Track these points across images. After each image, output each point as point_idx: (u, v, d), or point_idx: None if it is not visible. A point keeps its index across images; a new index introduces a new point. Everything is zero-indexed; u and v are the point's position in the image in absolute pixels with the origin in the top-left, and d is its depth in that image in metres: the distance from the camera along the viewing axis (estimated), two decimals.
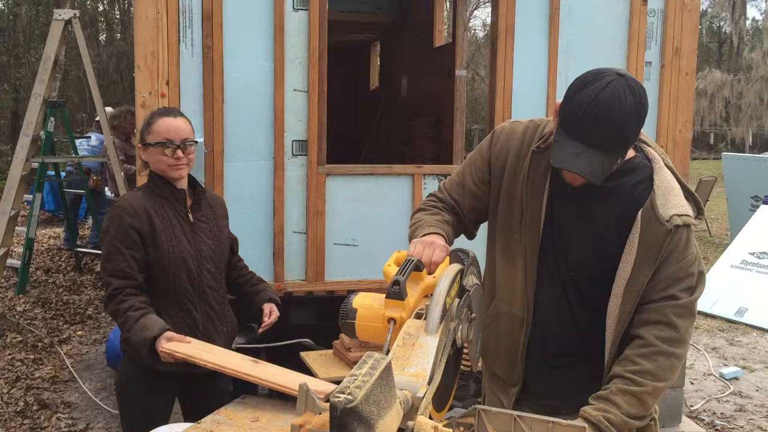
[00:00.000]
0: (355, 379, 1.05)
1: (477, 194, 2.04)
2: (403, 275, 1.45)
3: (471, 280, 1.57)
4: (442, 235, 1.85)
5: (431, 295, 1.43)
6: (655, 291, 1.79)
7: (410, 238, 1.90)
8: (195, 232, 2.57)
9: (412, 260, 1.52)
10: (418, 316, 1.44)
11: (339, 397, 1.00)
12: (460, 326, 1.46)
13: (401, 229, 4.10)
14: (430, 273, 1.61)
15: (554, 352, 1.97)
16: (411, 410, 1.19)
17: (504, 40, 4.13)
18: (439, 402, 1.37)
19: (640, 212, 1.79)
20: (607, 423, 1.70)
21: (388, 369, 1.10)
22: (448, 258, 1.67)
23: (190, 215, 2.58)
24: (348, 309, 1.50)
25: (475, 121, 20.45)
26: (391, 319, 1.43)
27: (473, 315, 1.53)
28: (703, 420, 4.66)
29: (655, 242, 1.77)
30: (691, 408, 4.82)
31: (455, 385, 1.54)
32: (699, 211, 1.85)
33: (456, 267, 1.54)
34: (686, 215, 1.79)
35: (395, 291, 1.42)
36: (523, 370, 2.01)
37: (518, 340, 1.99)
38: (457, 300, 1.48)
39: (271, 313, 2.72)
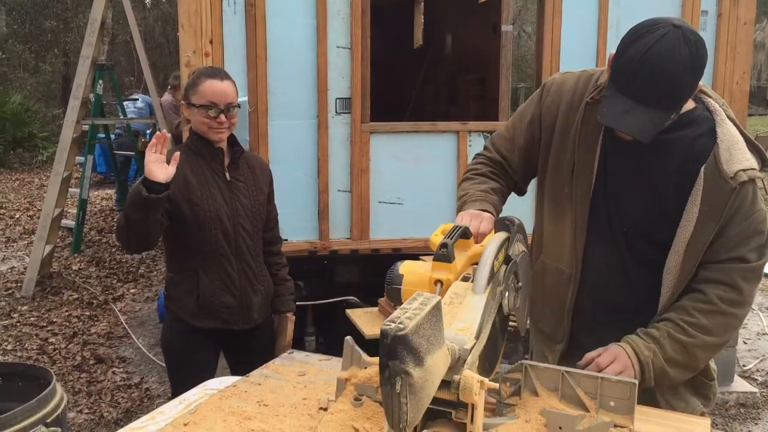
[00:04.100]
0: (406, 312, 1.05)
1: (527, 149, 1.98)
2: (450, 239, 1.43)
3: (517, 248, 1.54)
4: (490, 211, 1.82)
5: (477, 263, 1.41)
6: (723, 251, 1.73)
7: (458, 212, 1.88)
8: (232, 191, 2.57)
9: (460, 227, 1.51)
10: (465, 280, 1.43)
11: (390, 325, 1.01)
12: (507, 293, 1.44)
13: (447, 187, 4.08)
14: (477, 243, 1.59)
15: (604, 309, 1.92)
16: (458, 363, 1.18)
17: None
18: (483, 371, 1.36)
19: (702, 168, 1.72)
20: (651, 367, 1.69)
21: (437, 307, 1.10)
22: (493, 230, 1.64)
23: (227, 174, 2.58)
24: (394, 275, 1.49)
25: (521, 80, 19.98)
26: (437, 281, 1.41)
27: (520, 284, 1.52)
28: (756, 380, 4.57)
29: (719, 200, 1.70)
30: (744, 368, 4.73)
31: (500, 357, 1.52)
32: (764, 163, 1.77)
33: (503, 234, 1.51)
34: (752, 169, 1.71)
35: (443, 253, 1.41)
36: (569, 328, 1.97)
37: (565, 297, 1.94)
38: (504, 266, 1.46)
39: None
